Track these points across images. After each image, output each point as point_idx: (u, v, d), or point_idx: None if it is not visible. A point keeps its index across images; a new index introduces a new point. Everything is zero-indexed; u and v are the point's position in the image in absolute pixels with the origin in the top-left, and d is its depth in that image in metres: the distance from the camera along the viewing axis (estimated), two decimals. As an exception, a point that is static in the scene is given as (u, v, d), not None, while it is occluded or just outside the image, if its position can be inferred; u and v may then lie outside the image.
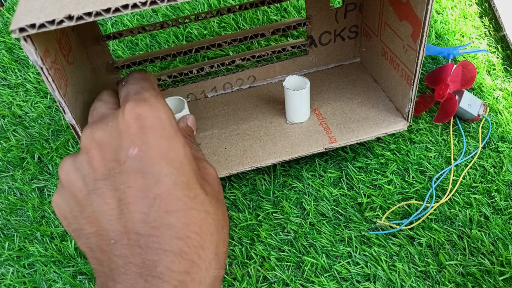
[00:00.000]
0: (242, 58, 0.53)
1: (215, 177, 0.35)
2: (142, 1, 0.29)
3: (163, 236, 0.29)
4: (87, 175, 0.31)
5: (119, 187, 0.30)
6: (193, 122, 0.42)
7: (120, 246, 0.29)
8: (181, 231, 0.29)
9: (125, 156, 0.30)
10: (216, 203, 0.32)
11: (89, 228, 0.31)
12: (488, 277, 0.42)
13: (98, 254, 0.30)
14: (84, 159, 0.31)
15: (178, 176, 0.30)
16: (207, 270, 0.30)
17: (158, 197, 0.29)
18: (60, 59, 0.36)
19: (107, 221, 0.30)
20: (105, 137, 0.31)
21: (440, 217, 0.46)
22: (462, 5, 0.66)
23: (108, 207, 0.30)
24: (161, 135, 0.30)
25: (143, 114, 0.30)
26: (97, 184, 0.30)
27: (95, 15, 0.29)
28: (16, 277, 0.47)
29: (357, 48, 0.56)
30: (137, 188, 0.29)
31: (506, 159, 0.49)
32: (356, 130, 0.48)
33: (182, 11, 0.69)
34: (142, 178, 0.29)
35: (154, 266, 0.28)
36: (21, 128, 0.60)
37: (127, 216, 0.29)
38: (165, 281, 0.28)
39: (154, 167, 0.29)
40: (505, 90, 0.55)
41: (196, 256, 0.29)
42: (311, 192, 0.49)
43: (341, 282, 0.43)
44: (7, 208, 0.52)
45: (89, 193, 0.31)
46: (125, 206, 0.29)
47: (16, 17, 0.29)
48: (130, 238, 0.29)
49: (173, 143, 0.31)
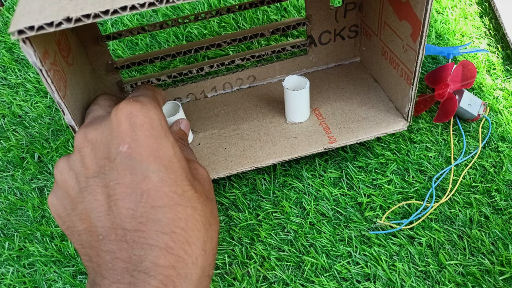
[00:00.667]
0: (242, 58, 0.53)
1: (206, 177, 0.36)
2: (141, 3, 0.29)
3: (149, 231, 0.29)
4: (79, 173, 0.32)
5: (109, 184, 0.30)
6: (186, 126, 0.43)
7: (108, 242, 0.30)
8: (167, 226, 0.29)
9: (115, 153, 0.30)
10: (204, 200, 0.33)
11: (80, 225, 0.31)
12: (488, 277, 0.42)
13: (88, 250, 0.31)
14: (77, 158, 0.32)
15: (166, 173, 0.30)
16: (194, 265, 0.30)
17: (145, 193, 0.30)
18: (59, 60, 0.36)
19: (96, 217, 0.30)
20: (97, 136, 0.32)
21: (440, 217, 0.46)
22: (462, 5, 0.66)
23: (98, 203, 0.30)
24: (151, 133, 0.31)
25: (134, 112, 0.31)
26: (88, 181, 0.31)
27: (94, 17, 0.29)
28: (16, 277, 0.47)
29: (357, 48, 0.56)
30: (125, 185, 0.30)
31: (506, 159, 0.49)
32: (356, 130, 0.48)
33: (182, 11, 0.69)
34: (131, 175, 0.30)
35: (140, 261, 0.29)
36: (21, 128, 0.60)
37: (115, 212, 0.30)
38: (151, 276, 0.28)
39: (142, 163, 0.30)
40: (505, 89, 0.55)
41: (182, 251, 0.30)
42: (311, 192, 0.49)
43: (341, 282, 0.43)
44: (7, 208, 0.52)
45: (81, 191, 0.31)
46: (114, 202, 0.30)
47: (15, 19, 0.29)
48: (118, 233, 0.30)
49: (162, 141, 0.31)
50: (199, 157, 0.47)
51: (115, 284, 0.28)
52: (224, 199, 0.50)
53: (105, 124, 0.32)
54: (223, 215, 0.49)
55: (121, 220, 0.29)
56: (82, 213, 0.31)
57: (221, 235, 0.47)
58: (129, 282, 0.28)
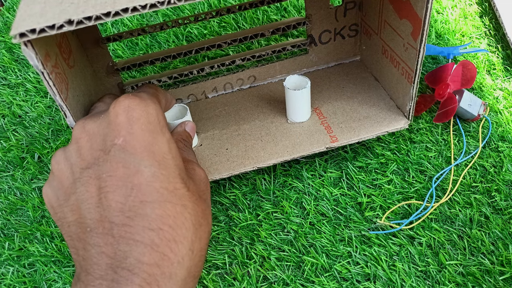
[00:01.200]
0: (242, 58, 0.53)
1: (203, 178, 0.35)
2: (142, 4, 0.29)
3: (136, 226, 0.29)
4: (74, 164, 0.32)
5: (101, 176, 0.30)
6: (191, 128, 0.43)
7: (95, 235, 0.29)
8: (154, 223, 0.29)
9: (110, 145, 0.30)
10: (197, 200, 0.32)
11: (70, 216, 0.31)
12: (488, 277, 0.42)
13: (76, 242, 0.31)
14: (73, 148, 0.32)
15: (158, 168, 0.30)
16: (179, 265, 0.30)
17: (136, 187, 0.29)
18: (60, 62, 0.36)
19: (86, 209, 0.30)
20: (95, 127, 0.32)
21: (440, 217, 0.46)
22: (462, 5, 0.66)
23: (89, 195, 0.30)
24: (147, 128, 0.31)
25: (132, 106, 0.31)
26: (82, 173, 0.31)
27: (95, 19, 0.29)
28: (16, 277, 0.47)
29: (357, 46, 0.56)
30: (117, 178, 0.29)
31: (506, 159, 0.49)
32: (358, 129, 0.48)
33: (182, 11, 0.69)
34: (124, 168, 0.30)
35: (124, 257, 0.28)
36: (21, 127, 0.60)
37: (105, 204, 0.29)
38: (134, 273, 0.28)
39: (136, 157, 0.30)
40: (505, 89, 0.55)
41: (167, 249, 0.29)
42: (311, 192, 0.49)
43: (341, 282, 0.43)
44: (7, 208, 0.52)
45: (74, 182, 0.31)
46: (104, 195, 0.29)
47: (16, 22, 0.29)
48: (105, 227, 0.29)
49: (158, 137, 0.31)
50: (200, 158, 0.48)
51: (97, 280, 0.28)
52: (224, 199, 0.50)
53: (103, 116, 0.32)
54: (223, 215, 0.49)
55: (109, 213, 0.29)
56: (74, 204, 0.31)
57: (221, 235, 0.47)
58: (112, 279, 0.28)
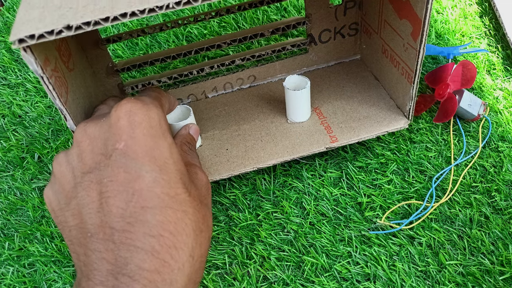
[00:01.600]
0: (242, 58, 0.52)
1: (205, 182, 0.35)
2: (140, 9, 0.29)
3: (137, 232, 0.29)
4: (76, 167, 0.31)
5: (102, 181, 0.30)
6: (195, 131, 0.43)
7: (95, 240, 0.29)
8: (154, 229, 0.29)
9: (112, 149, 0.30)
10: (198, 205, 0.32)
11: (71, 220, 0.31)
12: (488, 277, 0.42)
13: (77, 247, 0.30)
14: (75, 152, 0.32)
15: (160, 173, 0.30)
16: (180, 271, 0.29)
17: (136, 192, 0.29)
18: (60, 66, 0.36)
19: (87, 214, 0.30)
20: (96, 131, 0.31)
21: (440, 217, 0.46)
22: (462, 5, 0.66)
23: (90, 200, 0.30)
24: (149, 132, 0.30)
25: (134, 110, 0.31)
26: (84, 177, 0.31)
27: (94, 24, 0.29)
28: (16, 277, 0.47)
29: (357, 45, 0.56)
30: (118, 183, 0.29)
31: (506, 159, 0.49)
32: (358, 129, 0.48)
33: (182, 11, 0.69)
34: (125, 173, 0.29)
35: (125, 263, 0.28)
36: (21, 127, 0.60)
37: (106, 210, 0.29)
38: (135, 280, 0.28)
39: (137, 162, 0.30)
40: (505, 89, 0.55)
41: (168, 256, 0.29)
42: (311, 192, 0.49)
43: (341, 282, 0.43)
44: (7, 208, 0.52)
45: (76, 186, 0.31)
46: (105, 200, 0.29)
47: (15, 28, 0.29)
48: (106, 232, 0.29)
49: (159, 142, 0.31)
50: (201, 158, 0.48)
51: (98, 286, 0.28)
52: (224, 199, 0.50)
53: (104, 119, 0.32)
54: (223, 215, 0.49)
55: (110, 219, 0.29)
56: (75, 208, 0.31)
57: (221, 235, 0.47)
58: (112, 286, 0.28)
